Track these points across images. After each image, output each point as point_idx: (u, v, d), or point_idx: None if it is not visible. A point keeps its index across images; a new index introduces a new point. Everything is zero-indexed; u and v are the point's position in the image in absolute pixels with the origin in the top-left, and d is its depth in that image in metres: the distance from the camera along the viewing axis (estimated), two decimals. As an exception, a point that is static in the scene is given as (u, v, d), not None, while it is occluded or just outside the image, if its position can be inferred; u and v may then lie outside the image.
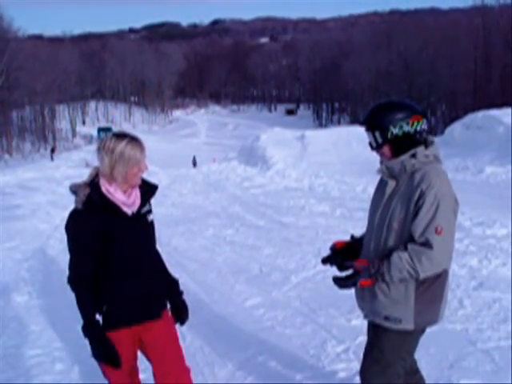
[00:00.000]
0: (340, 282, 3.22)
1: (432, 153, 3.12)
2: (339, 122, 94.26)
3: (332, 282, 3.30)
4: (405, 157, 3.08)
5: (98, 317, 3.10)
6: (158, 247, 3.45)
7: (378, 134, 3.11)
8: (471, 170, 16.32)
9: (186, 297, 3.55)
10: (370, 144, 3.21)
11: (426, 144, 3.12)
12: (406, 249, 2.97)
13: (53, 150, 65.62)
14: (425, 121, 3.13)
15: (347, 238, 3.61)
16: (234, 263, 8.20)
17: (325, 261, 3.50)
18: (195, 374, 3.62)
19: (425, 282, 3.05)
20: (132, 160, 3.02)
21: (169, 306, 3.45)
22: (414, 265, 2.92)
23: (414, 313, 3.08)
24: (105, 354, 3.05)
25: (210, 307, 6.36)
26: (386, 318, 3.15)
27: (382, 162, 3.24)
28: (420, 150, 3.08)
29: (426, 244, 2.93)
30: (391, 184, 3.16)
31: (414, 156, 3.07)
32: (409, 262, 2.93)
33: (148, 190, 3.27)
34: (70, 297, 3.14)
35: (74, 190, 3.06)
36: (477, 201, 11.54)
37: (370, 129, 3.15)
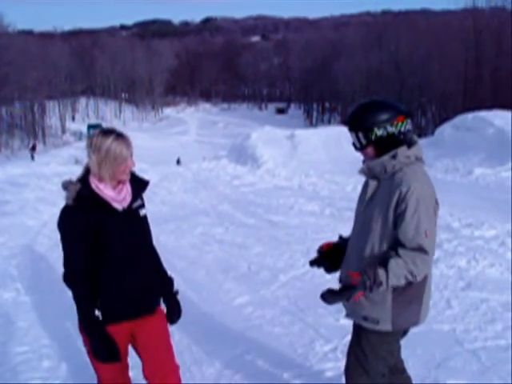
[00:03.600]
0: (333, 298, 3.10)
1: (414, 153, 3.10)
2: (330, 122, 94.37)
3: (320, 280, 3.30)
4: (385, 158, 3.07)
5: (98, 312, 3.09)
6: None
7: (361, 135, 3.10)
8: (460, 171, 16.38)
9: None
10: (354, 144, 3.20)
11: (409, 144, 3.10)
12: (396, 254, 2.96)
13: (33, 148, 59.31)
14: (409, 121, 3.12)
15: (336, 237, 3.62)
16: (222, 261, 8.19)
17: (312, 263, 3.51)
18: (183, 372, 3.62)
19: None
20: (118, 158, 3.04)
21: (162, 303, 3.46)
22: (411, 269, 2.93)
23: (391, 314, 3.10)
24: (106, 350, 3.05)
25: (199, 305, 6.36)
26: (365, 319, 3.17)
27: (364, 162, 3.25)
28: (401, 150, 3.07)
29: (420, 249, 2.94)
30: (372, 184, 3.17)
31: (394, 157, 3.06)
32: (406, 267, 2.93)
33: (139, 185, 3.29)
34: (58, 294, 3.15)
35: (66, 186, 3.06)
36: (466, 202, 11.60)
37: (354, 130, 3.14)
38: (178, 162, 49.98)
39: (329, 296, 3.08)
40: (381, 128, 3.04)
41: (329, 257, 3.46)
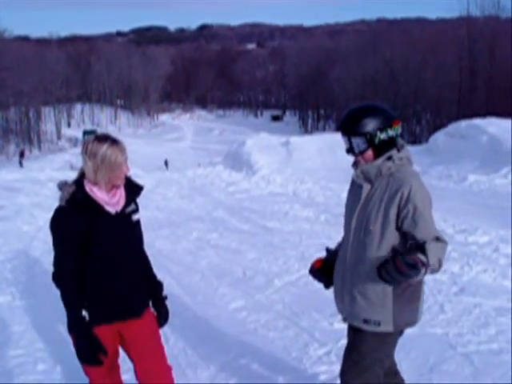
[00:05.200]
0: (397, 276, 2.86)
1: (405, 155, 3.17)
2: (325, 129, 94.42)
3: (315, 286, 3.29)
4: (380, 161, 3.12)
5: (84, 313, 3.12)
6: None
7: (362, 140, 3.10)
8: (454, 178, 16.43)
9: (169, 299, 3.58)
10: (351, 149, 3.19)
11: (398, 147, 3.17)
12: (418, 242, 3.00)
13: (22, 155, 57.75)
14: (401, 124, 3.20)
15: (329, 243, 3.65)
16: (217, 266, 8.21)
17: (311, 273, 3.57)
18: (178, 375, 3.64)
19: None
20: (114, 164, 3.09)
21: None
22: (440, 257, 2.99)
23: (392, 315, 3.12)
24: (90, 351, 3.08)
25: (194, 310, 6.38)
26: (366, 321, 3.18)
27: (354, 166, 3.26)
28: (394, 153, 3.13)
29: (439, 239, 3.02)
30: (366, 187, 3.18)
31: (389, 159, 3.11)
32: (437, 255, 2.97)
33: (133, 190, 3.32)
34: (53, 297, 3.17)
35: (61, 187, 3.11)
36: (459, 208, 11.65)
37: (355, 134, 3.12)
38: (166, 163, 53.74)
39: (391, 270, 2.85)
40: (383, 132, 3.09)
41: (323, 273, 3.49)
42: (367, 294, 3.12)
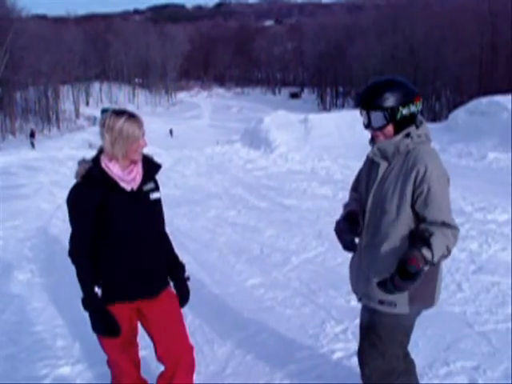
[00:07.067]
0: (404, 285, 2.87)
1: (424, 132, 3.07)
2: (343, 106, 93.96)
3: (332, 264, 3.24)
4: (398, 137, 3.02)
5: (97, 289, 3.15)
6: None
7: (382, 115, 3.00)
8: (474, 156, 16.28)
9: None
10: (370, 124, 3.07)
11: (417, 124, 3.08)
12: (431, 231, 2.88)
13: (32, 135, 54.22)
14: (421, 100, 3.11)
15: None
16: (235, 244, 8.24)
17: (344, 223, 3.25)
18: (195, 352, 3.65)
19: None
20: (131, 137, 3.09)
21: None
22: (447, 244, 2.90)
23: (408, 296, 3.03)
24: (104, 325, 3.11)
25: (211, 287, 6.41)
26: (381, 302, 3.10)
27: (371, 143, 3.16)
28: (412, 129, 3.04)
29: (448, 225, 2.91)
30: (383, 165, 3.10)
31: (407, 136, 3.02)
32: (444, 242, 2.88)
33: (151, 168, 3.32)
34: (72, 275, 3.19)
35: (79, 163, 3.14)
36: (479, 186, 11.55)
37: (375, 109, 3.01)
38: (171, 132, 59.19)
39: (397, 283, 2.85)
40: (405, 107, 2.99)
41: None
42: (383, 274, 3.00)
